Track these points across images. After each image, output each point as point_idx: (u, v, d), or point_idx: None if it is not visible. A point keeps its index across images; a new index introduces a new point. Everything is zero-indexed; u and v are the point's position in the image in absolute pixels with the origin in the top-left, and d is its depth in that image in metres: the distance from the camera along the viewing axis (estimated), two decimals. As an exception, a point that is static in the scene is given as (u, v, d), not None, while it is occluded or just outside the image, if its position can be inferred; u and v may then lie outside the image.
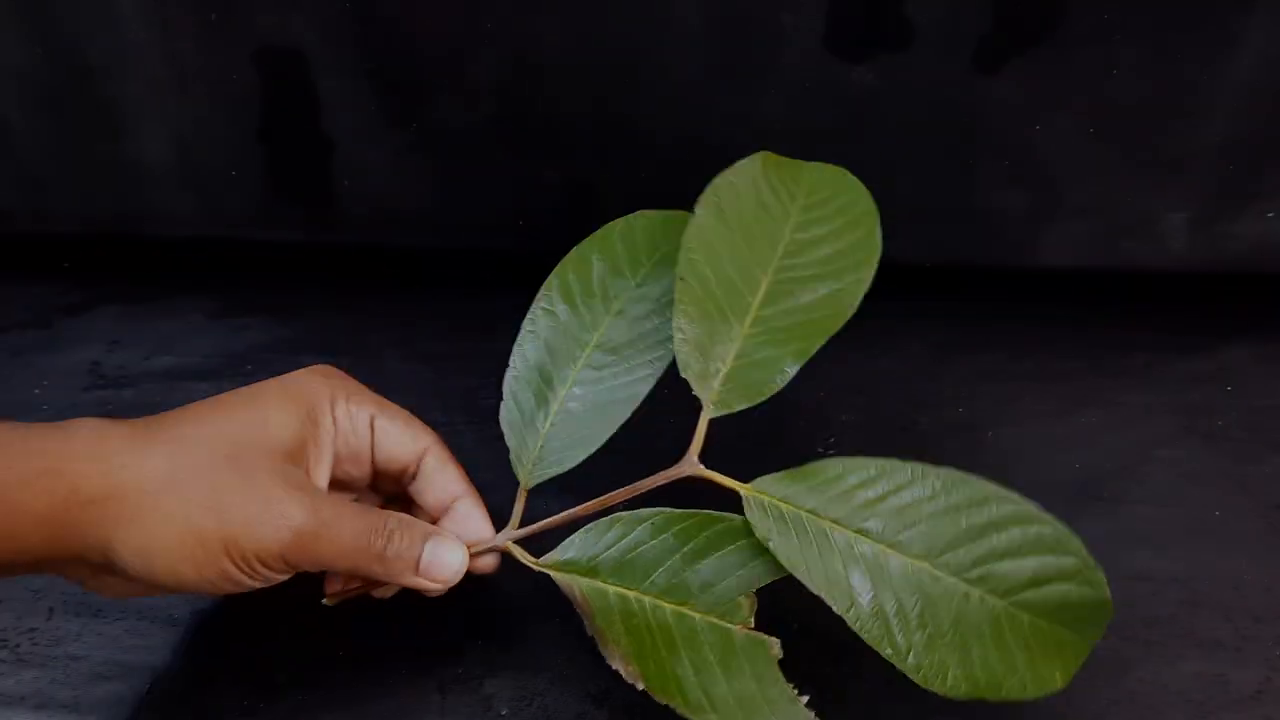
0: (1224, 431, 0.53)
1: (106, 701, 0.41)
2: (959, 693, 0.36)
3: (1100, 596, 0.37)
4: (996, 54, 0.49)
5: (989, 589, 0.38)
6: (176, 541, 0.34)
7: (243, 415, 0.37)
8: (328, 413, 0.39)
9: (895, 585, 0.38)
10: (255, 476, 0.35)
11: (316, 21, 0.49)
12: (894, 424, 0.53)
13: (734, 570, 0.39)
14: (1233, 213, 0.54)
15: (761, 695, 0.37)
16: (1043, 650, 0.37)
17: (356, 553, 0.36)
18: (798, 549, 0.39)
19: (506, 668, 0.42)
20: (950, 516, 0.39)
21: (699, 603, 0.39)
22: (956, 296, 0.58)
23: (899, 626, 0.38)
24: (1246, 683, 0.41)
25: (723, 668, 0.38)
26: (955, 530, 0.38)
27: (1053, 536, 0.38)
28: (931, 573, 0.38)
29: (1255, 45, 0.48)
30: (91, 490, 0.33)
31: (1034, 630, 0.37)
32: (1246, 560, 0.46)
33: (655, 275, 0.45)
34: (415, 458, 0.41)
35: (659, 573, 0.39)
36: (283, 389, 0.38)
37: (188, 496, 0.34)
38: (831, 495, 0.39)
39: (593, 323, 0.44)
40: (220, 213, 0.57)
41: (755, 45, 0.49)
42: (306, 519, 0.35)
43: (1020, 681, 0.37)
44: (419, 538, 0.38)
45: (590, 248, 0.46)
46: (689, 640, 0.38)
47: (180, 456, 0.35)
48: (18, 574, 0.35)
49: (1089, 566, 0.37)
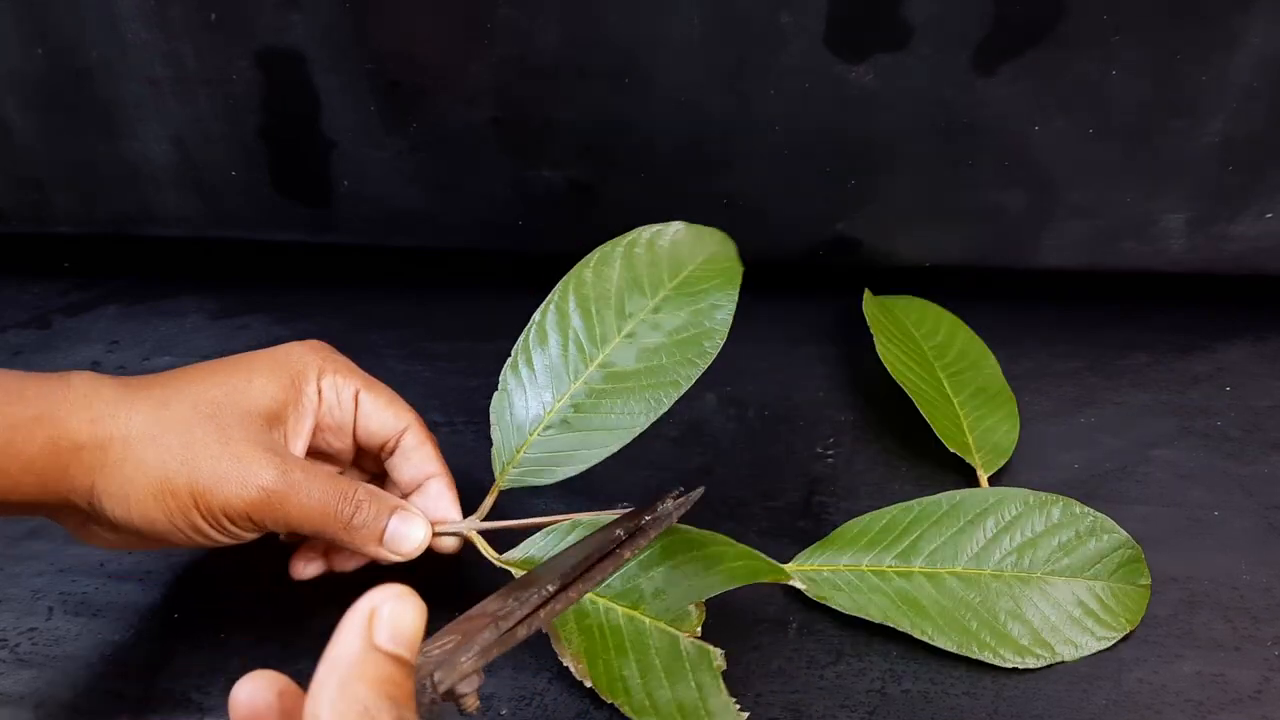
0: (1223, 431, 0.53)
1: (106, 701, 0.41)
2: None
3: (1120, 538, 0.44)
4: (996, 54, 0.49)
5: (1022, 571, 0.43)
6: (151, 490, 0.36)
7: (228, 378, 0.39)
8: (313, 383, 0.41)
9: (936, 597, 0.42)
10: (230, 436, 0.37)
11: (316, 21, 0.49)
12: (894, 425, 0.53)
13: (686, 580, 0.40)
14: (1232, 213, 0.54)
15: (703, 704, 0.39)
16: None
17: (323, 518, 0.38)
18: (848, 596, 0.43)
19: (506, 668, 0.42)
20: (967, 530, 0.43)
21: (650, 608, 0.40)
22: (956, 296, 0.58)
23: (951, 626, 0.42)
24: (1245, 682, 0.41)
25: (668, 673, 0.39)
26: (974, 539, 0.43)
27: (1061, 514, 0.44)
28: (965, 575, 0.43)
29: (1255, 45, 0.48)
30: (80, 438, 0.35)
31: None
32: (1245, 560, 0.46)
33: (674, 301, 0.45)
34: (395, 434, 0.43)
35: (614, 576, 0.40)
36: (271, 357, 0.40)
37: (164, 449, 0.36)
38: (859, 547, 0.44)
39: (602, 337, 0.44)
40: (220, 213, 0.57)
41: (755, 45, 0.49)
42: (275, 480, 0.37)
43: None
44: (385, 510, 0.39)
45: (615, 250, 0.46)
46: (638, 644, 0.39)
47: (163, 411, 0.37)
48: (11, 514, 0.38)
49: (1095, 515, 0.44)
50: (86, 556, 0.46)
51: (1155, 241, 0.56)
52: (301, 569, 0.43)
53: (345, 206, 0.56)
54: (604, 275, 0.45)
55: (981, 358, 0.55)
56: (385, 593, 0.26)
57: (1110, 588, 0.43)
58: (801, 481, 0.51)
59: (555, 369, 0.44)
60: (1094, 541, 0.44)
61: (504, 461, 0.43)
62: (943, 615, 0.42)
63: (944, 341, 0.55)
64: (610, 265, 0.45)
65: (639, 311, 0.44)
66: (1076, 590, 0.43)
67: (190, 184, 0.56)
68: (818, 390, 0.56)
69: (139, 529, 0.36)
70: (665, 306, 0.44)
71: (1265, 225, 0.54)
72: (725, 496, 0.50)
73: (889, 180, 0.54)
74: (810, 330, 0.60)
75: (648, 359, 0.43)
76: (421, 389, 0.52)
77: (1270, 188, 0.53)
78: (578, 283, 0.45)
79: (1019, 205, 0.55)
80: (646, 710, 0.39)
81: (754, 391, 0.55)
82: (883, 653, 0.43)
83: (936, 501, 0.45)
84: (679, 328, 0.44)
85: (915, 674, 0.42)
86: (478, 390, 0.55)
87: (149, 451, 0.36)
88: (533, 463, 0.42)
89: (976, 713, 0.41)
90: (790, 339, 0.59)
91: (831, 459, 0.52)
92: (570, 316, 0.44)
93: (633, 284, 0.45)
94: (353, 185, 0.55)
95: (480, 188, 0.55)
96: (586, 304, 0.44)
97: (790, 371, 0.57)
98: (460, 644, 0.30)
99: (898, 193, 0.55)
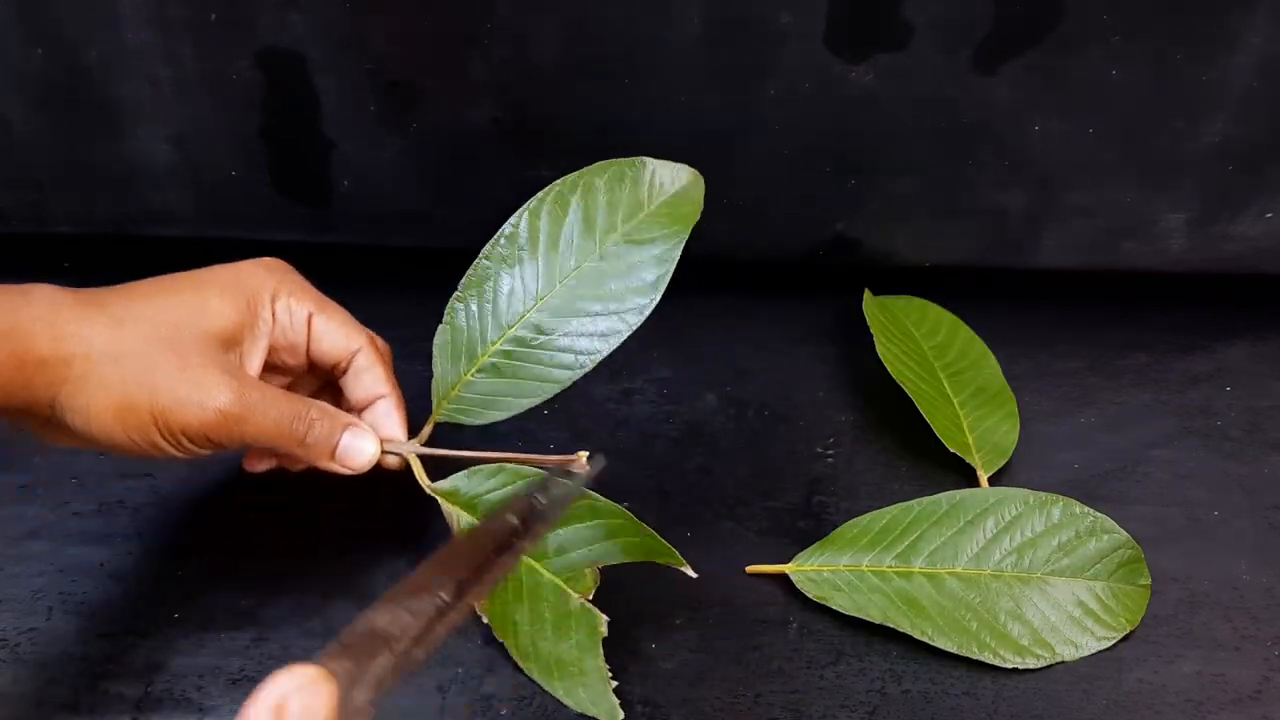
0: (1223, 431, 0.53)
1: (106, 701, 0.41)
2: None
3: (1121, 538, 0.44)
4: (996, 54, 0.49)
5: (1022, 572, 0.43)
6: (112, 408, 0.37)
7: (185, 299, 0.40)
8: (267, 305, 0.42)
9: (936, 597, 0.43)
10: (188, 358, 0.38)
11: (316, 21, 0.49)
12: (894, 425, 0.53)
13: (588, 543, 0.41)
14: (1232, 213, 0.54)
15: (578, 663, 0.40)
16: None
17: (278, 435, 0.40)
18: (848, 596, 0.44)
19: (506, 667, 0.42)
20: (967, 530, 0.44)
21: (551, 563, 0.41)
22: (956, 296, 0.58)
23: (951, 627, 0.42)
24: (1245, 682, 0.41)
25: (554, 627, 0.41)
26: (974, 539, 0.44)
27: (1061, 514, 0.44)
28: (964, 575, 0.43)
29: (1255, 45, 0.48)
30: (42, 352, 0.36)
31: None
32: (1245, 560, 0.46)
33: (619, 249, 0.44)
34: (348, 355, 0.44)
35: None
36: (226, 277, 0.42)
37: (125, 370, 0.37)
38: (859, 547, 0.45)
39: (546, 276, 0.44)
40: (220, 213, 0.57)
41: (755, 45, 0.49)
42: (231, 402, 0.38)
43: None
44: (338, 427, 0.41)
45: (573, 188, 0.44)
46: (534, 593, 0.41)
47: (122, 330, 0.38)
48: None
49: (1095, 515, 0.44)
50: (86, 556, 0.46)
51: (1155, 241, 0.56)
52: (255, 464, 0.45)
53: (345, 206, 0.56)
54: (559, 214, 0.44)
55: (981, 358, 0.55)
56: (294, 680, 0.25)
57: (1110, 588, 0.43)
58: (801, 481, 0.51)
59: (498, 304, 0.44)
60: (1094, 541, 0.44)
61: (441, 398, 0.44)
62: (943, 615, 0.42)
63: (944, 341, 0.55)
64: (565, 204, 0.44)
65: (586, 257, 0.44)
66: (1076, 590, 0.43)
67: (190, 184, 0.56)
68: (818, 390, 0.56)
69: (98, 441, 0.38)
70: (610, 254, 0.44)
71: (1265, 225, 0.54)
72: (725, 496, 0.50)
73: (889, 180, 0.54)
74: (810, 330, 0.59)
75: (581, 301, 0.43)
76: (422, 388, 0.52)
77: (1270, 188, 0.53)
78: (531, 216, 0.44)
79: (1019, 205, 0.55)
80: (529, 656, 0.41)
81: (754, 391, 0.55)
82: (883, 653, 0.43)
83: (936, 502, 0.45)
84: (629, 269, 0.43)
85: (915, 674, 0.42)
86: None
87: (110, 371, 0.37)
88: (468, 401, 0.44)
89: (976, 713, 0.41)
90: (790, 339, 0.59)
91: (831, 459, 0.52)
92: (521, 252, 0.44)
93: (586, 225, 0.44)
94: (353, 185, 0.55)
95: (480, 188, 0.55)
96: (535, 237, 0.44)
97: (790, 371, 0.57)
98: (352, 675, 0.28)
99: (898, 193, 0.55)
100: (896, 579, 0.43)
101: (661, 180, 0.44)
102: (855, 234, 0.57)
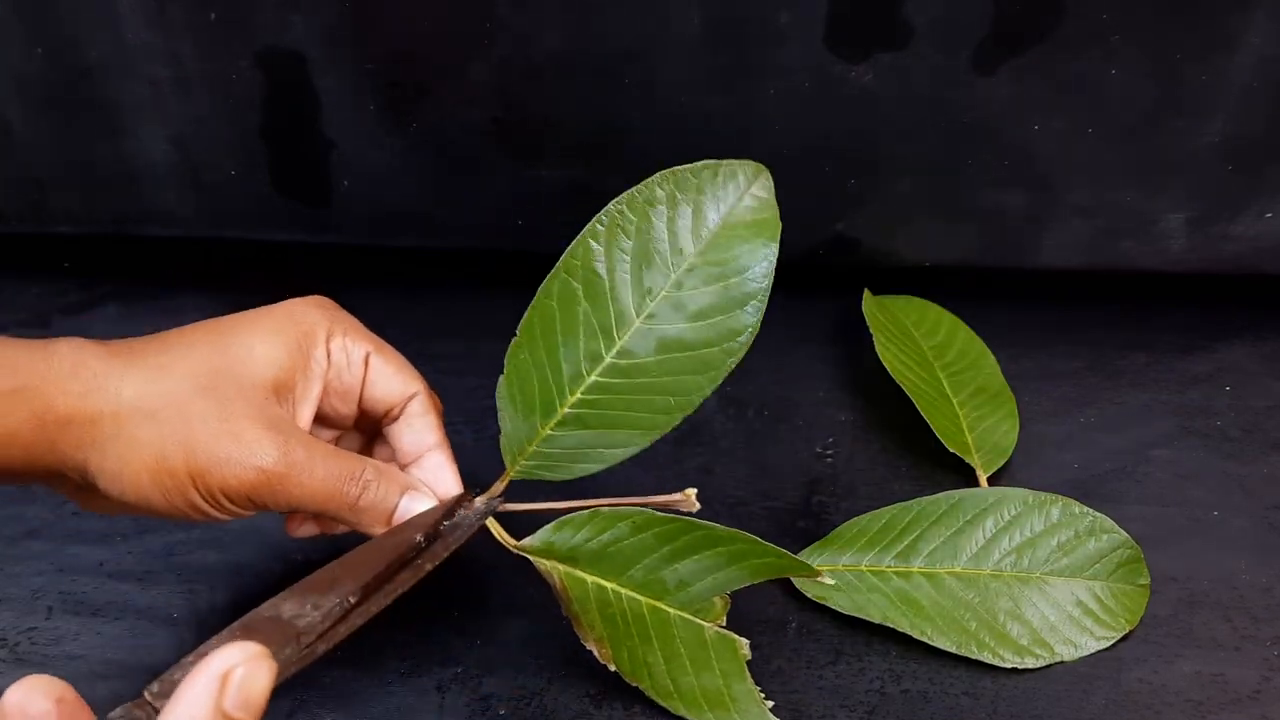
0: (1222, 431, 0.53)
1: (106, 701, 0.41)
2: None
3: (1120, 538, 0.44)
4: (996, 54, 0.49)
5: (1021, 572, 0.43)
6: (146, 470, 0.34)
7: (229, 344, 0.36)
8: (321, 345, 0.38)
9: (935, 597, 0.43)
10: (230, 411, 0.34)
11: (316, 21, 0.49)
12: (893, 424, 0.53)
13: (710, 573, 0.39)
14: (1232, 213, 0.54)
15: (727, 691, 0.39)
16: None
17: (328, 498, 0.36)
18: (847, 596, 0.44)
19: (505, 667, 0.42)
20: (966, 530, 0.44)
21: (673, 599, 0.39)
22: (956, 296, 0.58)
23: (950, 626, 0.42)
24: (1245, 682, 0.41)
25: (692, 661, 0.39)
26: (973, 539, 0.44)
27: (1060, 514, 0.44)
28: (964, 575, 0.43)
29: (1255, 45, 0.48)
30: (68, 411, 0.33)
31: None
32: (1245, 560, 0.46)
33: (701, 274, 0.39)
34: (403, 400, 0.40)
35: (637, 568, 0.39)
36: (275, 317, 0.38)
37: (159, 426, 0.34)
38: (858, 547, 0.45)
39: (617, 320, 0.40)
40: (220, 213, 0.57)
41: (755, 45, 0.49)
42: (276, 461, 0.34)
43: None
44: (396, 490, 0.37)
45: (637, 210, 0.40)
46: (662, 632, 0.39)
47: (157, 384, 0.34)
48: (3, 483, 0.35)
49: (1095, 515, 0.44)
50: (86, 556, 0.46)
51: (1155, 241, 0.56)
52: (296, 528, 0.41)
53: (345, 206, 0.56)
54: (615, 239, 0.40)
55: (981, 358, 0.55)
56: (239, 653, 0.25)
57: (1110, 588, 0.43)
58: (801, 481, 0.51)
59: (568, 346, 0.40)
60: (1093, 542, 0.44)
61: (514, 452, 0.40)
62: (942, 615, 0.42)
63: (944, 341, 0.55)
64: (624, 230, 0.40)
65: (659, 291, 0.39)
66: (1076, 590, 0.43)
67: (190, 184, 0.56)
68: (818, 390, 0.56)
69: (134, 505, 0.35)
70: (687, 282, 0.39)
71: (1265, 225, 0.54)
72: (725, 496, 0.50)
73: (889, 180, 0.54)
74: (810, 330, 0.59)
75: (666, 345, 0.39)
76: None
77: (1270, 188, 0.53)
78: (591, 240, 0.40)
79: (1019, 205, 0.55)
80: (670, 694, 0.39)
81: (754, 391, 0.55)
82: (882, 653, 0.43)
83: (936, 501, 0.45)
84: (713, 304, 0.39)
85: (915, 674, 0.42)
86: (478, 390, 0.55)
87: (143, 429, 0.34)
88: (544, 456, 0.40)
89: (976, 713, 0.41)
90: (790, 339, 0.59)
91: (831, 459, 0.52)
92: (577, 292, 0.40)
93: (653, 256, 0.40)
94: (353, 185, 0.55)
95: (480, 188, 0.55)
96: (593, 274, 0.40)
97: (790, 371, 0.57)
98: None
99: (898, 193, 0.55)
100: (895, 579, 0.43)
101: (729, 186, 0.40)
102: (855, 234, 0.57)
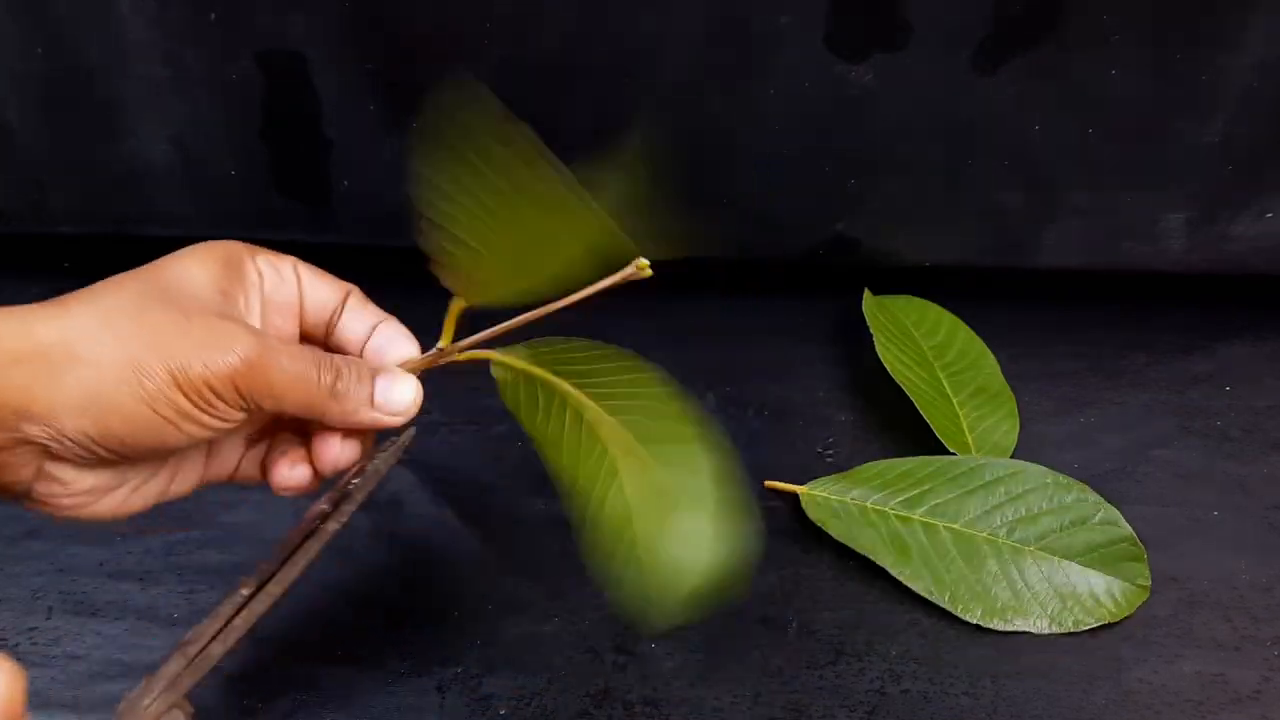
0: (1222, 431, 0.53)
1: (106, 701, 0.41)
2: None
3: (1122, 533, 0.44)
4: (996, 54, 0.49)
5: (1016, 541, 0.44)
6: (121, 383, 0.31)
7: (162, 272, 0.35)
8: (250, 262, 0.38)
9: (925, 545, 0.45)
10: (190, 313, 0.33)
11: (316, 21, 0.49)
12: (894, 424, 0.53)
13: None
14: (1232, 213, 0.54)
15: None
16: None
17: (306, 386, 0.35)
18: (844, 524, 0.46)
19: (506, 667, 0.42)
20: (978, 493, 0.46)
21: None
22: (956, 296, 0.58)
23: (930, 572, 0.44)
24: (1245, 682, 0.41)
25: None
26: (981, 502, 0.45)
27: (1073, 500, 0.45)
28: (960, 533, 0.45)
29: (1255, 45, 0.48)
30: (12, 349, 0.31)
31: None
32: (1245, 560, 0.46)
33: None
34: (340, 299, 0.40)
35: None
36: (197, 250, 0.37)
37: (125, 337, 0.32)
38: (871, 486, 0.47)
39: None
40: (220, 213, 0.57)
41: (755, 45, 0.49)
42: (252, 345, 0.33)
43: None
44: (368, 373, 0.37)
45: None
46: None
47: (106, 303, 0.33)
48: None
49: (1106, 506, 0.45)
50: (86, 556, 0.46)
51: (1155, 241, 0.56)
52: (285, 475, 0.38)
53: (345, 206, 0.56)
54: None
55: (981, 357, 0.55)
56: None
57: (1105, 578, 0.44)
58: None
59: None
60: (1099, 531, 0.44)
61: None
62: (926, 562, 0.44)
63: (944, 341, 0.55)
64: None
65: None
66: (1069, 571, 0.44)
67: (190, 184, 0.56)
68: (818, 390, 0.56)
69: (112, 433, 0.32)
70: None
71: (1265, 225, 0.54)
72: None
73: (889, 180, 0.54)
74: (810, 330, 0.60)
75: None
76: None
77: (1270, 188, 0.53)
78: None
79: (1019, 205, 0.55)
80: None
81: (754, 391, 0.55)
82: (882, 653, 0.43)
83: (957, 462, 0.47)
84: None
85: (915, 674, 0.42)
86: (478, 390, 0.55)
87: (105, 347, 0.31)
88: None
89: (976, 713, 0.41)
90: (790, 339, 0.59)
91: (831, 459, 0.52)
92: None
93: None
94: (353, 185, 0.55)
95: (480, 188, 0.55)
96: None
97: (790, 371, 0.57)
98: (144, 686, 0.26)
99: (898, 193, 0.55)
100: (895, 521, 0.45)
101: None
102: (855, 234, 0.57)
